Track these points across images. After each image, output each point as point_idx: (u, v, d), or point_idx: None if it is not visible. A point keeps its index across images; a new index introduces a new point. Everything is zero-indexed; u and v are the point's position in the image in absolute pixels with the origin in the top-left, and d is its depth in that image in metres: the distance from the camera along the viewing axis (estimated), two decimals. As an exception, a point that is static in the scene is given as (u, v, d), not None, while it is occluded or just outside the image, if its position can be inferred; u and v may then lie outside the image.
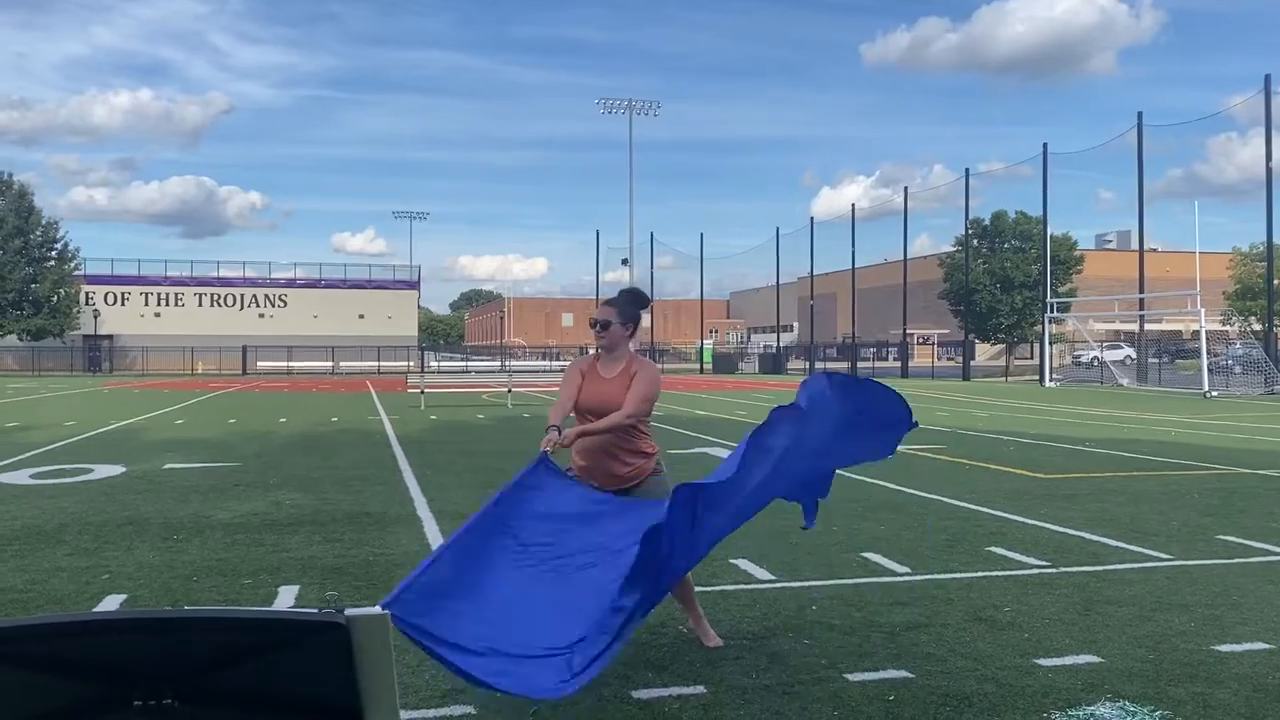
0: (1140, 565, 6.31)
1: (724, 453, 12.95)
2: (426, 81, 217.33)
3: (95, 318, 63.45)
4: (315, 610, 1.45)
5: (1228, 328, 50.14)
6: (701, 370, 61.38)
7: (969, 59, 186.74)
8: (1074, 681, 4.12)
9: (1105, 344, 48.30)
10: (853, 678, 4.16)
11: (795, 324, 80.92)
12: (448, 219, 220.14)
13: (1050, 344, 41.38)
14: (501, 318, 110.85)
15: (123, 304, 67.09)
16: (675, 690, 4.01)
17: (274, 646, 1.44)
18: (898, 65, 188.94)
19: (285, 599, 5.56)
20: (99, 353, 62.73)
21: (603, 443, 4.42)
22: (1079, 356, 52.32)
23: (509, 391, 25.77)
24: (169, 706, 1.45)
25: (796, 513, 8.19)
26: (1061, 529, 7.49)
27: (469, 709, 3.82)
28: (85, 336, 61.99)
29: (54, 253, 57.58)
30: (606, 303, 4.64)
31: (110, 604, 5.42)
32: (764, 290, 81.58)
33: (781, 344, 64.05)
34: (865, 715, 3.75)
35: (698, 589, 5.63)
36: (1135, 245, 41.57)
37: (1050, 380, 38.71)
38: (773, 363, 59.81)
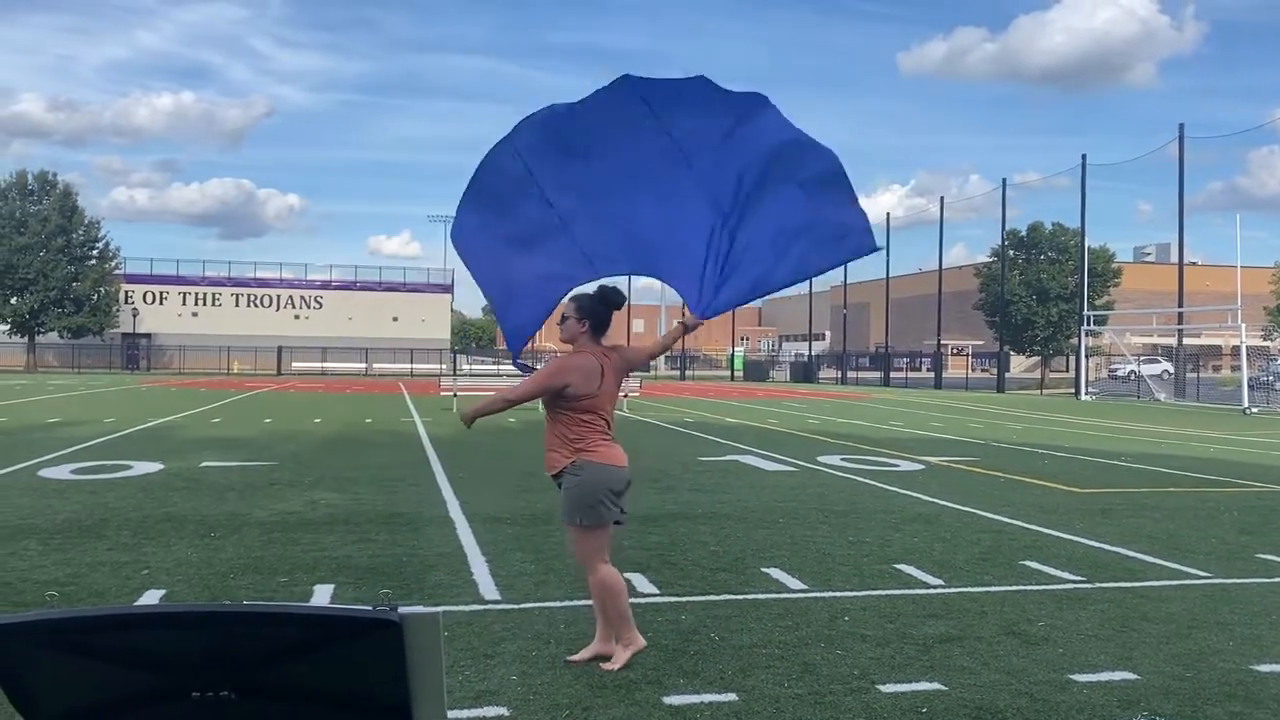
0: (1177, 582, 6.25)
1: (755, 460, 12.93)
2: (462, 87, 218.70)
3: (134, 316, 64.36)
4: (369, 608, 1.49)
5: (1269, 343, 49.43)
6: (732, 378, 61.29)
7: (1006, 69, 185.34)
8: (1109, 698, 4.09)
9: (1142, 358, 47.72)
10: (885, 689, 4.15)
11: (828, 332, 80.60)
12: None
13: (1086, 357, 40.96)
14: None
15: (161, 303, 67.97)
16: (707, 697, 4.02)
17: (328, 643, 1.48)
18: (934, 75, 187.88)
19: (321, 597, 5.62)
20: (137, 351, 63.61)
21: (547, 430, 4.56)
22: (1115, 370, 51.80)
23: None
24: (225, 699, 1.49)
25: (829, 523, 8.21)
26: (1097, 544, 7.42)
27: (503, 710, 3.85)
28: (124, 335, 62.89)
29: (95, 252, 58.49)
30: (572, 298, 4.69)
31: (150, 599, 5.52)
32: (796, 298, 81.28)
33: (813, 352, 63.81)
34: (898, 727, 3.74)
35: (728, 596, 5.65)
36: (1175, 258, 41.07)
37: (1086, 393, 38.31)
38: (804, 371, 59.61)
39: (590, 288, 4.66)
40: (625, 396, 26.20)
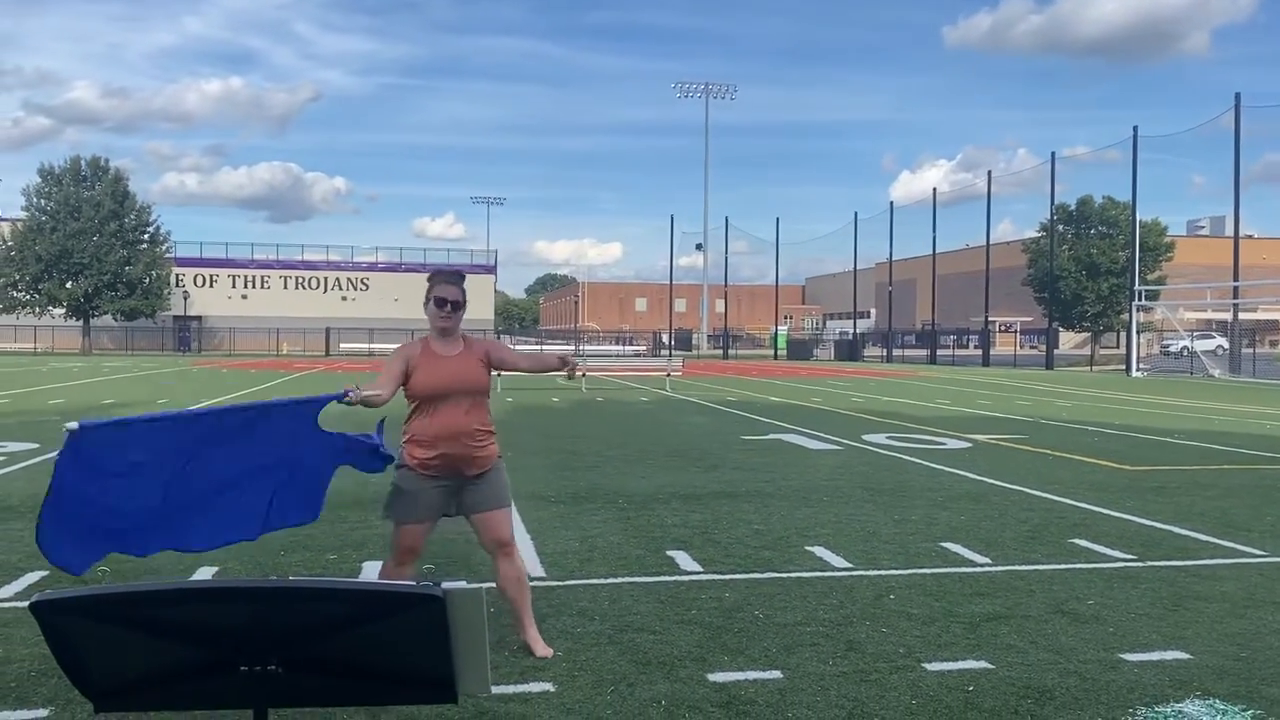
0: (1232, 560, 6.14)
1: (799, 439, 12.88)
2: (504, 69, 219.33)
3: (185, 299, 65.43)
4: (413, 583, 1.50)
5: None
6: (775, 356, 61.03)
7: (1054, 41, 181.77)
8: (1161, 678, 4.03)
9: (1196, 333, 46.78)
10: (931, 667, 4.12)
11: (873, 310, 79.90)
12: (524, 204, 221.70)
13: (1138, 333, 40.25)
14: (576, 302, 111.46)
15: (211, 286, 69.08)
16: (751, 675, 4.02)
17: (373, 617, 1.49)
18: (980, 48, 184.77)
19: (369, 574, 5.70)
20: (188, 333, 64.74)
21: (467, 426, 4.25)
22: (1167, 346, 50.82)
23: (583, 375, 25.95)
24: (273, 672, 1.51)
25: (874, 501, 8.15)
26: (1148, 522, 7.31)
27: (548, 685, 3.88)
28: (175, 317, 63.99)
29: (147, 236, 59.44)
30: (452, 282, 4.31)
31: (203, 575, 5.62)
32: (841, 276, 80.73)
33: (858, 330, 63.33)
34: (944, 705, 3.72)
35: (771, 574, 5.64)
36: (1230, 231, 40.14)
37: (1137, 370, 37.66)
38: (849, 349, 59.19)
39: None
40: (668, 375, 26.22)
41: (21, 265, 55.28)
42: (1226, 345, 41.97)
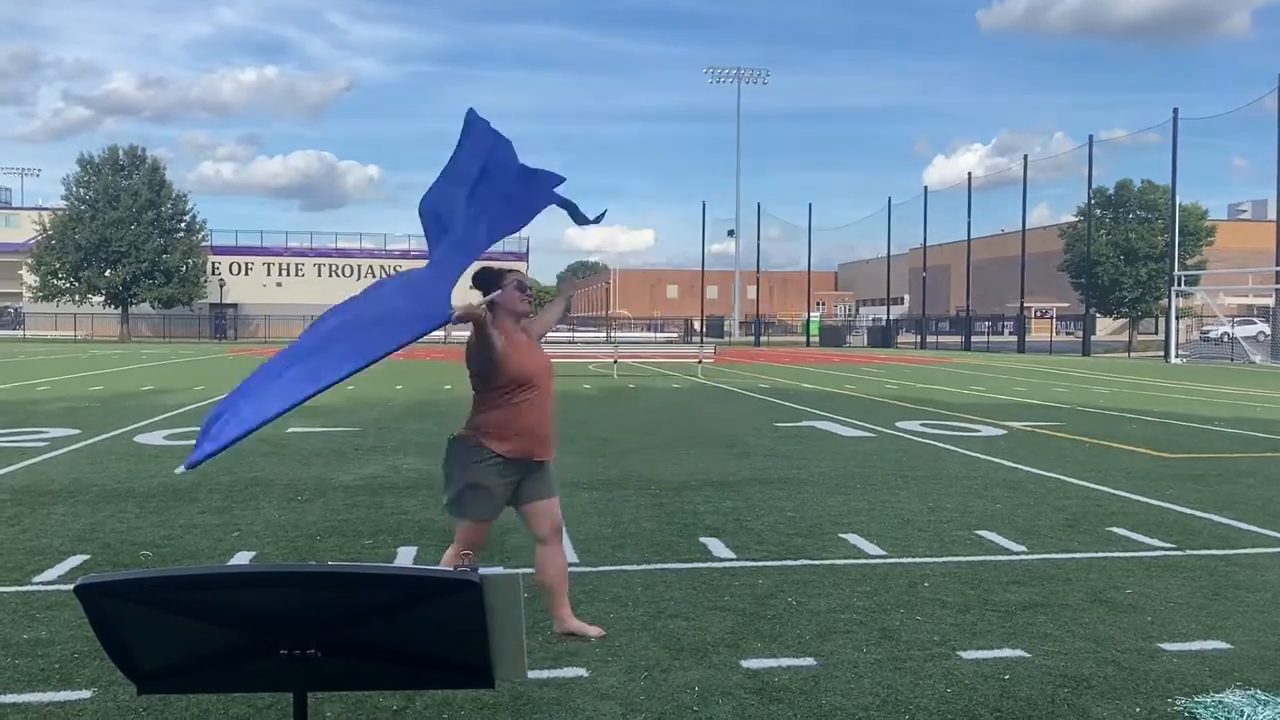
0: (1274, 550, 6.04)
1: (832, 426, 12.83)
2: (535, 55, 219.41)
3: (221, 287, 66.16)
4: (450, 569, 1.51)
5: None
6: (808, 343, 60.76)
7: (1091, 23, 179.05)
8: (1201, 668, 3.98)
9: (1237, 319, 46.03)
10: (966, 655, 4.10)
11: (906, 296, 79.29)
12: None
13: (1177, 319, 39.67)
14: (607, 289, 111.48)
15: (246, 274, 69.77)
16: (785, 661, 4.02)
17: (410, 603, 1.51)
18: (1015, 31, 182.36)
19: (404, 559, 5.74)
20: (224, 320, 65.49)
21: (550, 415, 4.25)
22: (1208, 332, 50.05)
23: (615, 362, 25.97)
24: (312, 656, 1.53)
25: (908, 489, 8.10)
26: (1188, 510, 7.21)
27: (581, 671, 3.90)
28: (212, 305, 64.74)
29: (183, 224, 60.07)
30: (515, 273, 4.48)
31: (240, 560, 5.69)
32: (874, 262, 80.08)
33: (892, 317, 62.88)
34: (979, 693, 3.70)
35: (805, 561, 5.62)
36: (1272, 215, 39.42)
37: (1176, 357, 37.13)
38: (882, 336, 58.81)
39: (474, 266, 4.38)
40: (700, 362, 26.17)
41: (62, 254, 56.07)
42: (1268, 331, 41.25)
